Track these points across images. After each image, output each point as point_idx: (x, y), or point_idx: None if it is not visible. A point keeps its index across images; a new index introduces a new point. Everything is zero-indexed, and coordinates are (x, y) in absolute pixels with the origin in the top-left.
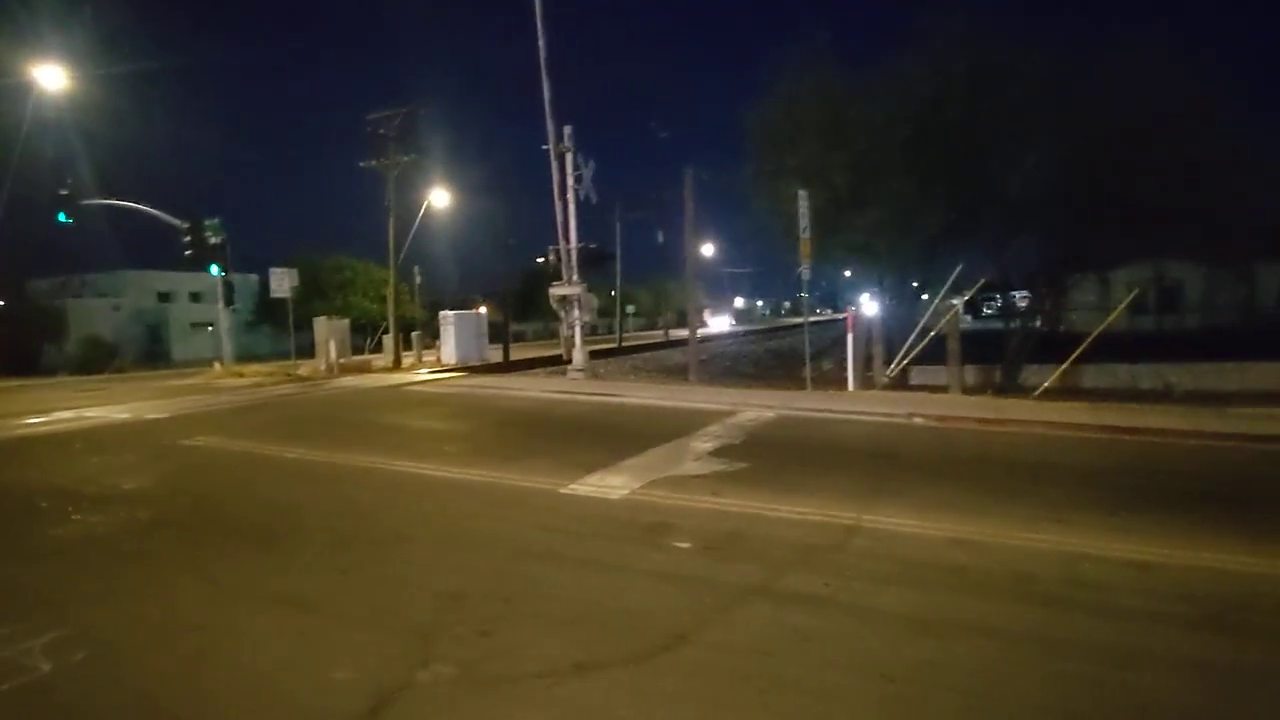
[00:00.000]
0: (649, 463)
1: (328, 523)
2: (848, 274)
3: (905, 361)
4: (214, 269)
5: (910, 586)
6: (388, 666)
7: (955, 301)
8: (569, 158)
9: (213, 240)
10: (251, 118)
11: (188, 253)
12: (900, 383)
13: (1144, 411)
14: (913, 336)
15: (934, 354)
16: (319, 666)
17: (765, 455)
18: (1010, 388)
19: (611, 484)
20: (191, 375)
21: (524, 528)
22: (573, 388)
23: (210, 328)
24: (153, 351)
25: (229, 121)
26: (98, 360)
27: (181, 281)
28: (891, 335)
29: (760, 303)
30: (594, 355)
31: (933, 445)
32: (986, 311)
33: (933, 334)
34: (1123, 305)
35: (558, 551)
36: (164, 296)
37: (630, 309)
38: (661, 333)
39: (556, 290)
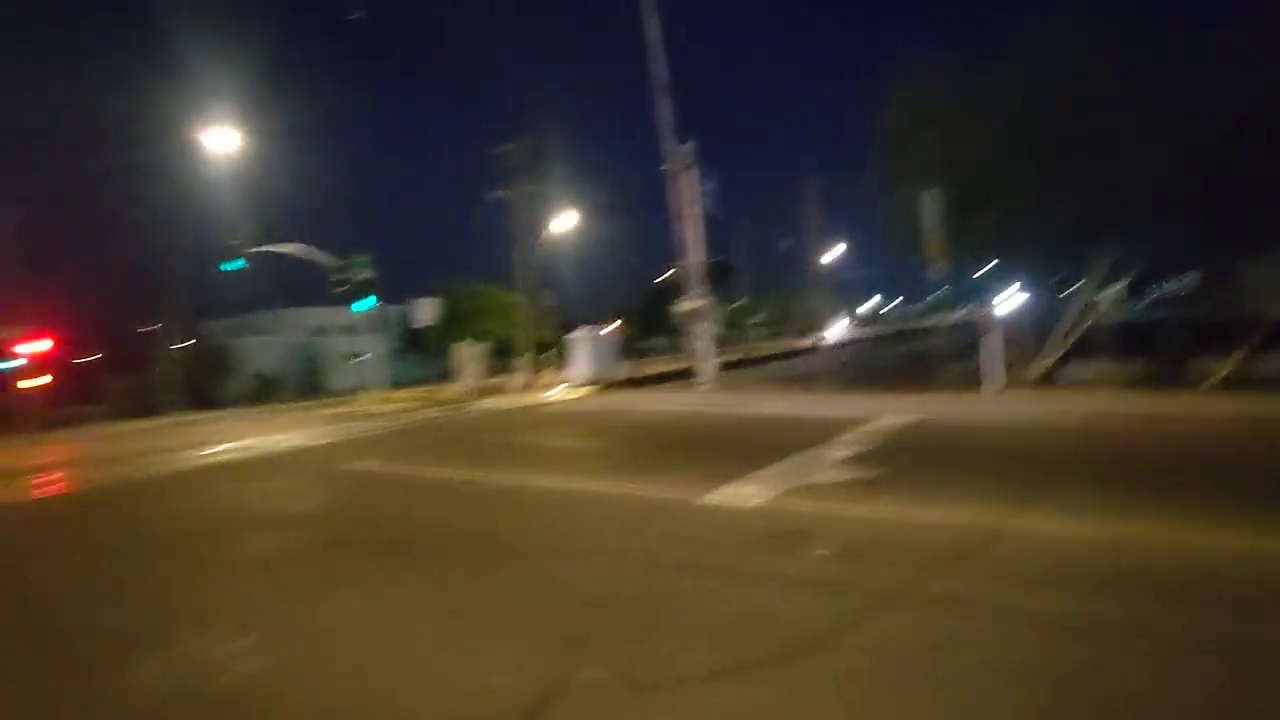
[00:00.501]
0: (782, 472)
1: (475, 538)
2: (989, 269)
3: (1055, 357)
4: (367, 303)
5: (1064, 590)
6: (541, 673)
7: (1103, 292)
8: (688, 175)
9: (362, 276)
10: (387, 159)
11: (341, 289)
12: (1051, 380)
13: None
14: (1060, 331)
15: (1089, 348)
16: (479, 673)
17: (902, 461)
18: (1177, 380)
19: (745, 494)
20: (344, 404)
21: (663, 539)
22: (701, 400)
23: (359, 358)
24: (311, 383)
25: (367, 164)
26: (264, 393)
27: (333, 316)
28: (1037, 331)
29: (895, 302)
30: (726, 366)
31: (1087, 444)
32: (1152, 298)
33: (1083, 327)
34: None
35: (695, 561)
36: (318, 331)
37: (758, 318)
38: (791, 342)
39: (683, 305)
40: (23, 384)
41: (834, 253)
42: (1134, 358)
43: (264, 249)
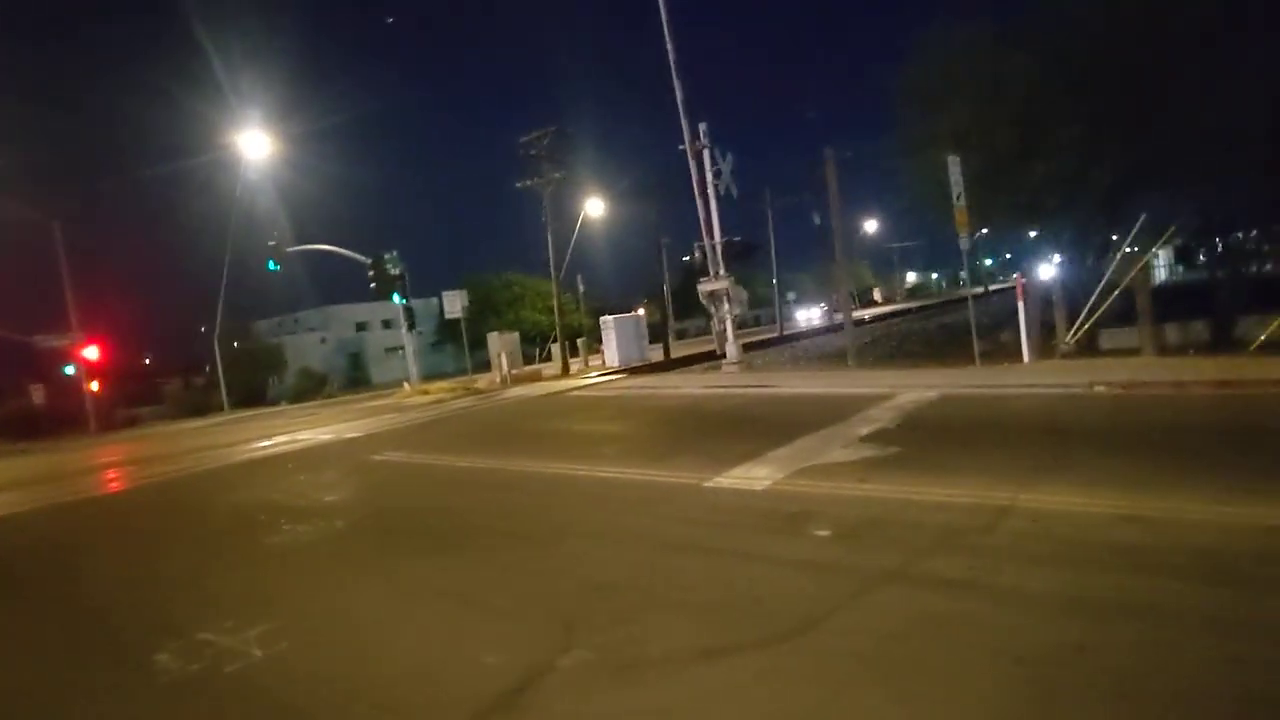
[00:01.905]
0: (796, 452)
1: (491, 524)
2: (1031, 236)
3: (1086, 325)
4: (396, 298)
5: (1063, 567)
6: (533, 652)
7: (1147, 253)
8: (706, 155)
9: (393, 271)
10: (416, 153)
11: (372, 285)
12: (1088, 349)
13: None
14: (1094, 297)
15: (1127, 314)
16: (474, 652)
17: (920, 438)
18: (1223, 344)
19: (756, 475)
20: (385, 396)
21: (669, 522)
22: (726, 381)
23: (400, 351)
24: (355, 377)
25: (397, 159)
26: (311, 389)
27: (374, 311)
28: (1074, 299)
29: (935, 275)
30: (754, 346)
31: (1112, 415)
32: (1202, 260)
33: (1117, 291)
34: None
35: (699, 543)
36: (361, 326)
37: (791, 295)
38: (822, 318)
39: (705, 286)
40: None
41: (871, 224)
42: (1182, 321)
43: (300, 249)
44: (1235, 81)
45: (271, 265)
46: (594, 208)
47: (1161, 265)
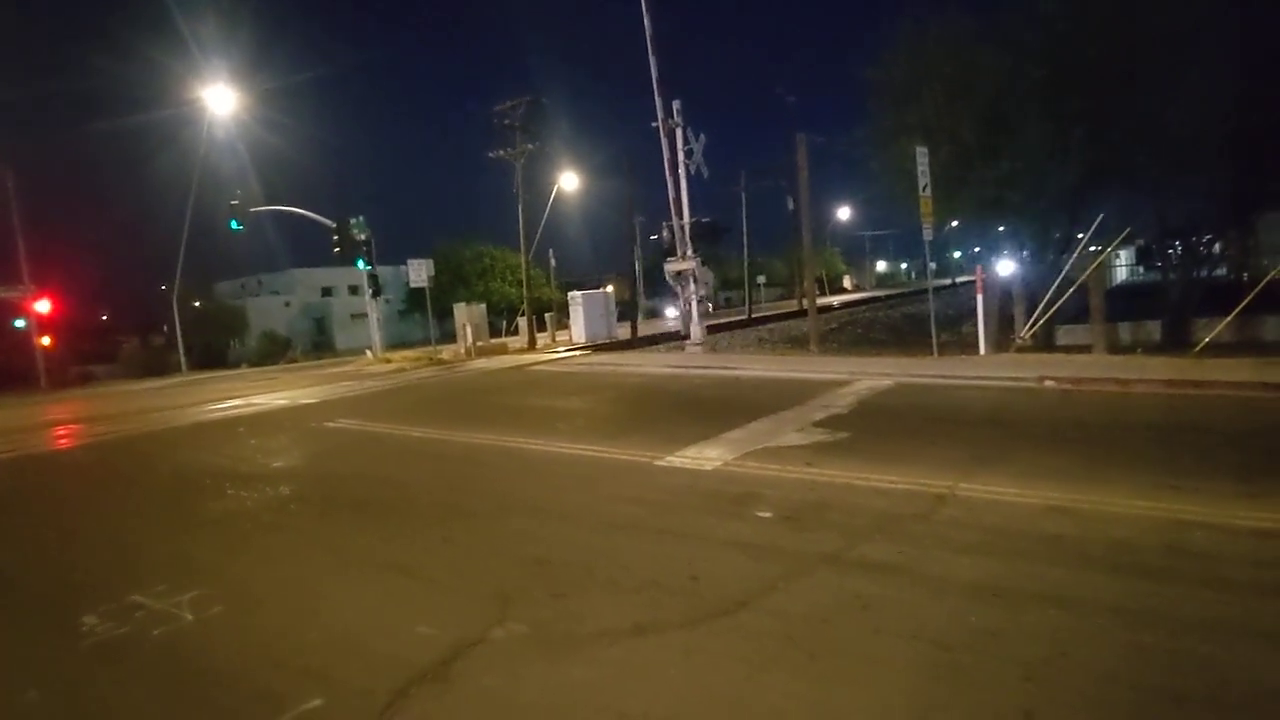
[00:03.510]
0: (749, 435)
1: (439, 497)
2: (990, 229)
3: (1041, 321)
4: (360, 263)
5: (990, 555)
6: (467, 624)
7: (1105, 252)
8: (678, 133)
9: (359, 237)
10: (390, 118)
11: (336, 250)
12: (1044, 344)
13: None
14: (1050, 293)
15: (1085, 311)
16: (407, 623)
17: (871, 425)
18: (1173, 344)
19: (707, 456)
20: (347, 363)
21: (616, 500)
22: (689, 362)
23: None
24: (319, 342)
25: (371, 123)
26: (273, 352)
27: (341, 277)
28: (1034, 294)
29: (904, 265)
30: (723, 328)
31: (1057, 410)
32: (1166, 260)
33: (1073, 288)
34: None
35: (643, 522)
36: (327, 291)
37: (761, 279)
38: (795, 303)
39: (671, 266)
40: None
41: (844, 211)
42: (1136, 320)
43: (265, 209)
44: (1194, 88)
45: (234, 224)
46: (568, 182)
47: (1122, 265)
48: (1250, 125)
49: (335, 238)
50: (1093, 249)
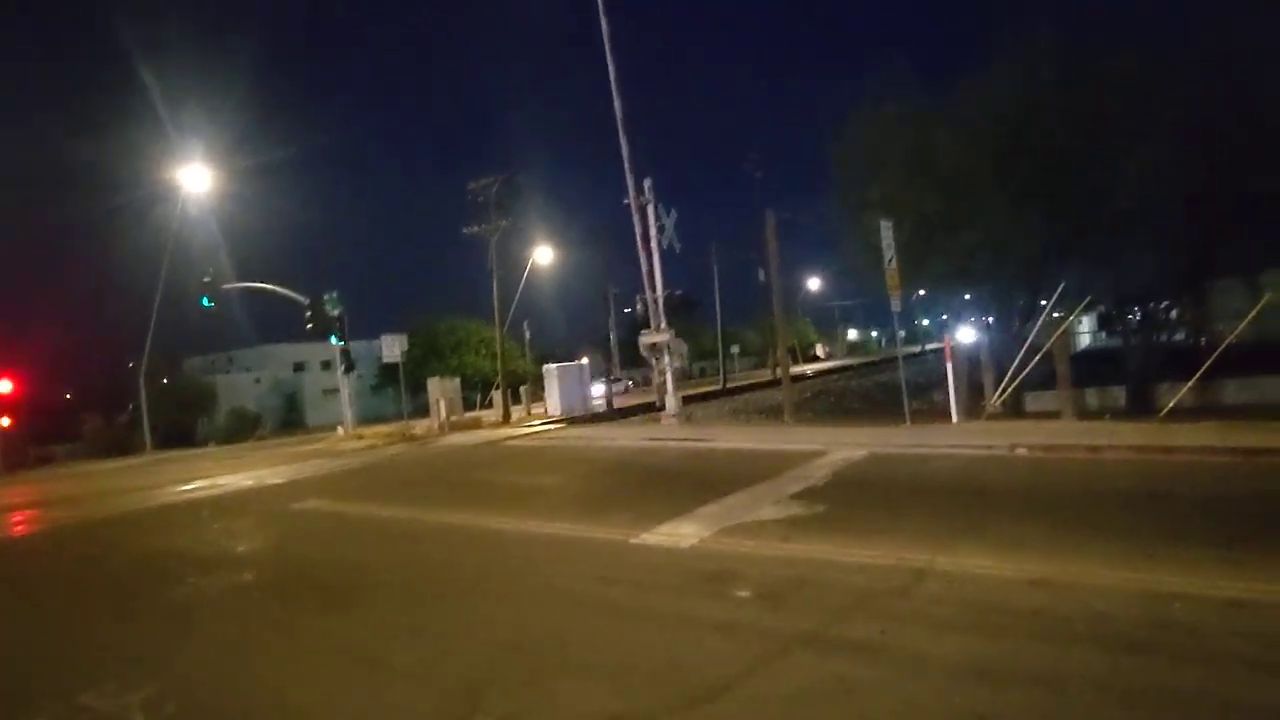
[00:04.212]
0: (725, 509)
1: (406, 580)
2: (956, 299)
3: (1010, 388)
4: (333, 339)
5: (972, 632)
6: (434, 717)
7: (1068, 319)
8: (650, 209)
9: (332, 312)
10: (366, 194)
11: (309, 325)
12: (1013, 411)
13: None
14: (1018, 361)
15: (1052, 377)
16: (371, 718)
17: (847, 497)
18: (1137, 410)
19: (682, 533)
20: (318, 440)
21: (589, 580)
22: (664, 434)
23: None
24: (290, 419)
25: (346, 199)
26: (242, 429)
27: (313, 352)
28: (1002, 361)
29: (875, 333)
30: (697, 398)
31: (1030, 478)
32: (1127, 326)
33: (1038, 356)
34: (1252, 314)
35: (617, 603)
36: (298, 367)
37: (735, 349)
38: (769, 372)
39: (646, 338)
40: None
41: (814, 281)
42: (1101, 386)
43: (237, 286)
44: (1140, 166)
45: (205, 301)
46: (542, 256)
47: (1085, 331)
48: (1195, 198)
49: (308, 313)
50: (1056, 315)
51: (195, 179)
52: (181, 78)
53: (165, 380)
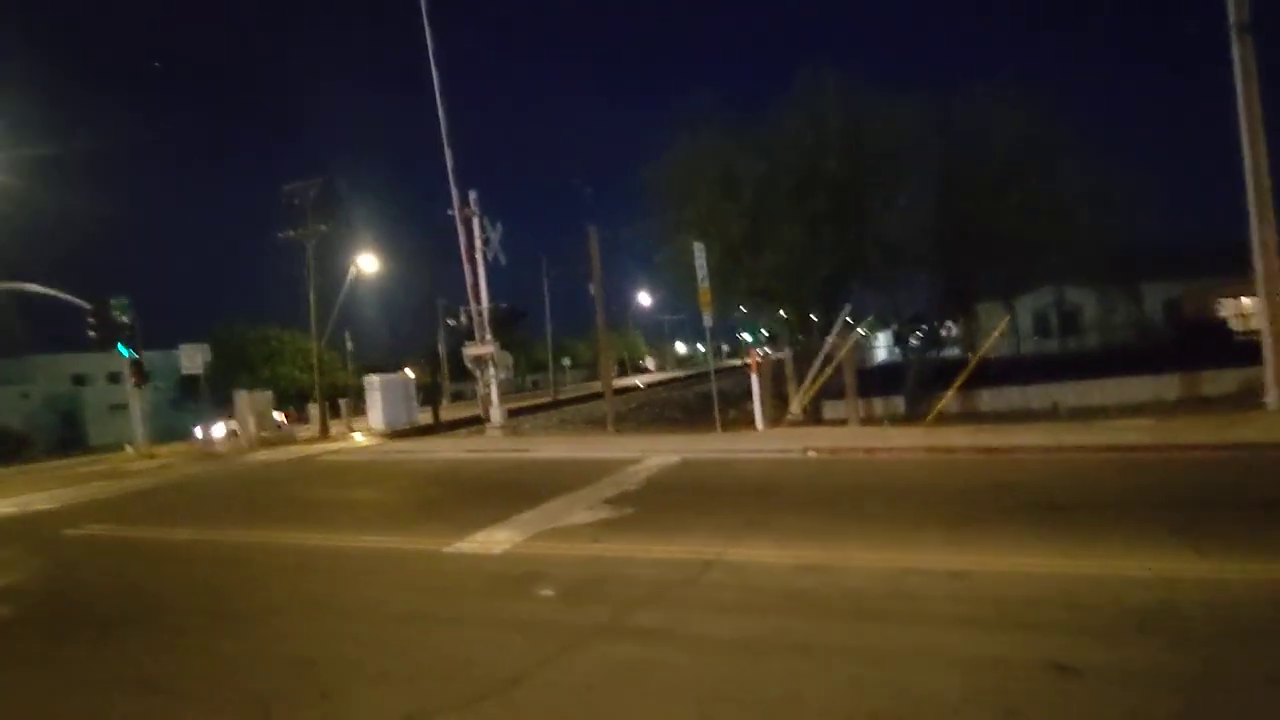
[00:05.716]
0: (541, 515)
1: (201, 604)
2: (763, 315)
3: (807, 398)
4: (122, 349)
5: (746, 613)
6: None
7: (851, 335)
8: (475, 221)
9: (121, 319)
10: (175, 198)
11: (92, 334)
12: (813, 418)
13: (1019, 430)
14: (811, 373)
15: (846, 386)
16: None
17: (656, 500)
18: (914, 416)
19: (496, 539)
20: (104, 460)
21: (397, 590)
22: (488, 446)
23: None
24: (67, 438)
25: (150, 203)
26: (5, 451)
27: (98, 363)
28: (803, 374)
29: (701, 347)
30: (528, 410)
31: (815, 477)
32: (913, 342)
33: (830, 368)
34: (995, 334)
35: (424, 611)
36: (79, 380)
37: (567, 361)
38: (601, 384)
39: (470, 350)
40: None
41: (644, 296)
42: (886, 395)
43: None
44: (909, 200)
45: None
46: (365, 264)
47: (881, 346)
48: (958, 232)
49: (91, 320)
50: (839, 333)
51: None
52: None
53: None
